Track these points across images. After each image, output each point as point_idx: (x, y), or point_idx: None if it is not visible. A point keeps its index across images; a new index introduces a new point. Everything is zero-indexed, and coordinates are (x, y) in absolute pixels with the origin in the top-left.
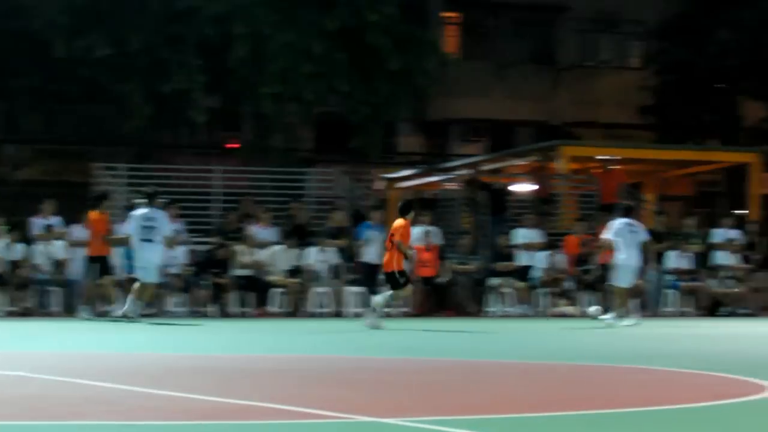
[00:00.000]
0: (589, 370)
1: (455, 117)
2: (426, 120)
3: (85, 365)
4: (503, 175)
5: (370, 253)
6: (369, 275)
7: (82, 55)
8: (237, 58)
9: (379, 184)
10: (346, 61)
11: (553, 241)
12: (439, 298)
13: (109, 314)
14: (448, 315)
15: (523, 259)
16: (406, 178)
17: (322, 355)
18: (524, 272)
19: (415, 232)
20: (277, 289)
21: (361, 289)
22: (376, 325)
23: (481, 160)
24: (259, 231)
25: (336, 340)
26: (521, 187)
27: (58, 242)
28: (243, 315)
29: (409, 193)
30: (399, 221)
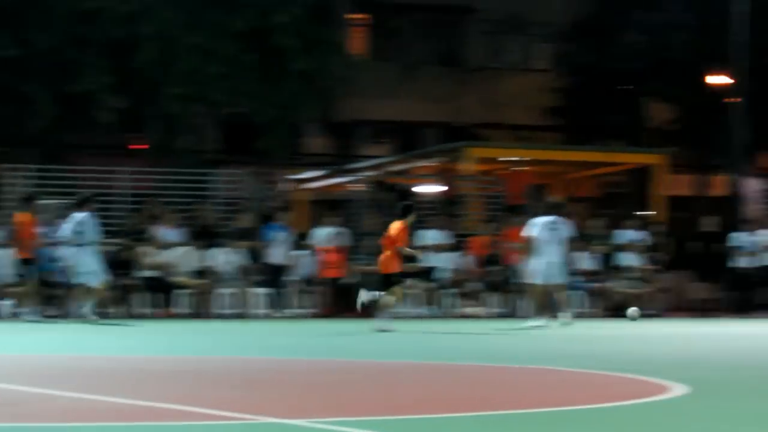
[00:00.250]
0: (494, 370)
1: (362, 118)
2: (333, 121)
3: None
4: (410, 176)
5: (276, 255)
6: (275, 276)
7: None
8: (144, 59)
9: (285, 186)
10: (253, 63)
11: (459, 242)
12: (346, 299)
13: (22, 316)
14: (354, 316)
15: (429, 260)
16: (313, 180)
17: (226, 356)
18: (431, 273)
19: (323, 234)
20: (182, 290)
21: (266, 291)
22: (386, 328)
23: (387, 162)
24: (165, 232)
25: (241, 341)
26: (427, 189)
27: None
28: (149, 316)
29: (314, 195)
30: (397, 223)
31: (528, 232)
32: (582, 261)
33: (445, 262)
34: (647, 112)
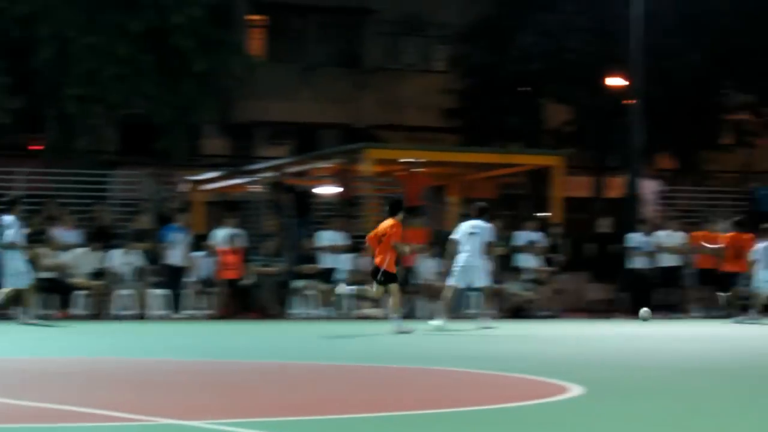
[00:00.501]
0: (393, 371)
1: (261, 119)
2: (231, 122)
3: None
4: (308, 177)
5: (174, 256)
6: (173, 277)
7: None
8: (41, 59)
9: (184, 187)
10: (152, 64)
11: (358, 244)
12: (243, 301)
13: None
14: (252, 317)
15: (327, 261)
16: (211, 181)
17: (124, 358)
18: (328, 274)
19: (221, 235)
20: (80, 291)
21: (164, 292)
22: (404, 330)
23: (286, 163)
24: (62, 233)
25: (139, 343)
26: (326, 190)
27: None
28: (46, 317)
29: (212, 196)
30: (389, 221)
31: (453, 234)
32: None
33: (343, 264)
34: (545, 113)
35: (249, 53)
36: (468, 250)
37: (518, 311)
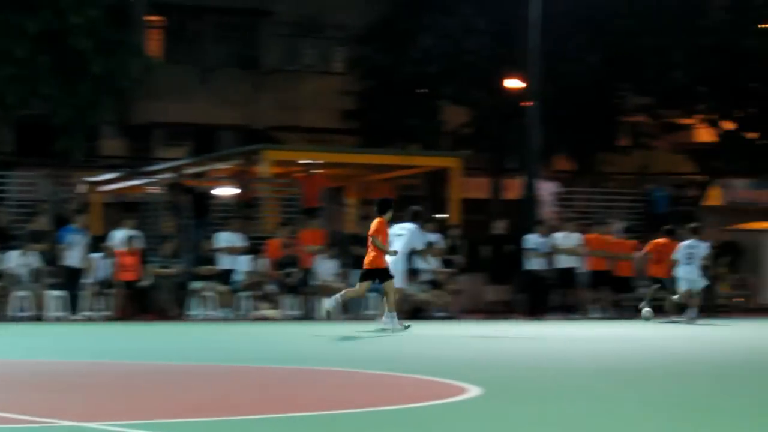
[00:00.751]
0: (292, 372)
1: (159, 120)
2: (129, 123)
3: None
4: (206, 179)
5: (72, 257)
6: (71, 279)
7: None
8: None
9: (81, 188)
10: (49, 64)
11: (256, 245)
12: (141, 302)
13: None
14: (150, 319)
15: (225, 262)
16: (109, 182)
17: (20, 360)
18: (226, 276)
19: (119, 236)
20: None
21: (62, 293)
22: (398, 328)
23: (184, 164)
24: None
25: (36, 344)
26: (224, 191)
27: None
28: None
29: (110, 197)
30: (376, 222)
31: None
32: None
33: (241, 265)
34: (443, 115)
35: (147, 54)
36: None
37: (416, 312)
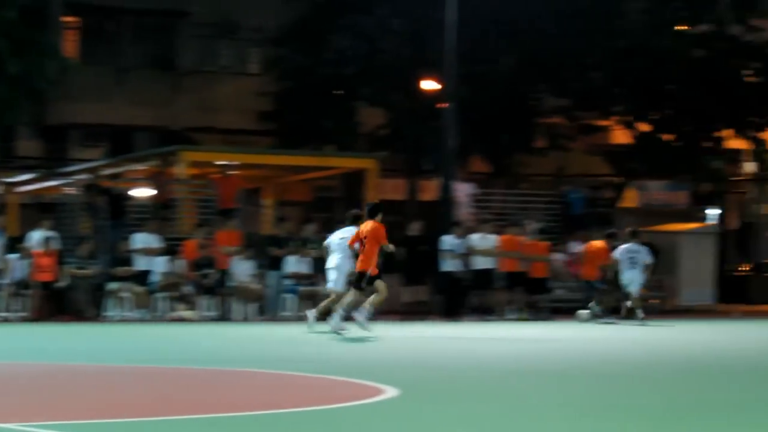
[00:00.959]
0: (210, 374)
1: (75, 121)
2: (45, 124)
3: None
4: (123, 180)
5: None
6: None
7: None
8: None
9: None
10: None
11: (172, 246)
12: (58, 303)
13: None
14: (67, 320)
15: (142, 263)
16: (26, 183)
17: None
18: (143, 277)
19: (34, 237)
20: None
21: None
22: (366, 328)
23: (100, 165)
24: None
25: None
26: (141, 192)
27: None
28: None
29: (26, 198)
30: (369, 223)
31: (327, 240)
32: (295, 264)
33: (158, 266)
34: (359, 116)
35: (63, 55)
36: (338, 255)
37: (331, 313)
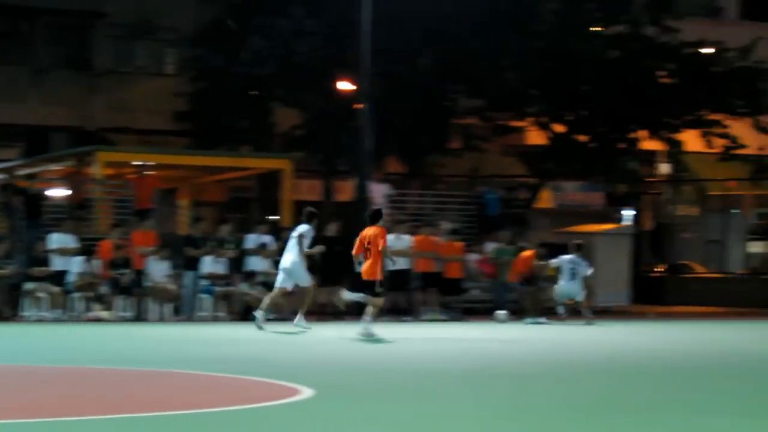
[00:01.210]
0: (125, 374)
1: None
2: None
3: None
4: (39, 180)
5: None
6: None
7: None
8: None
9: None
10: None
11: (88, 246)
12: None
13: None
14: None
15: (58, 263)
16: None
17: None
18: (59, 277)
19: None
20: None
21: None
22: (369, 332)
23: (16, 165)
24: None
25: None
26: (57, 192)
27: None
28: None
29: None
30: (373, 229)
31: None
32: (211, 265)
33: (74, 266)
34: (275, 117)
35: None
36: (291, 253)
37: (248, 313)
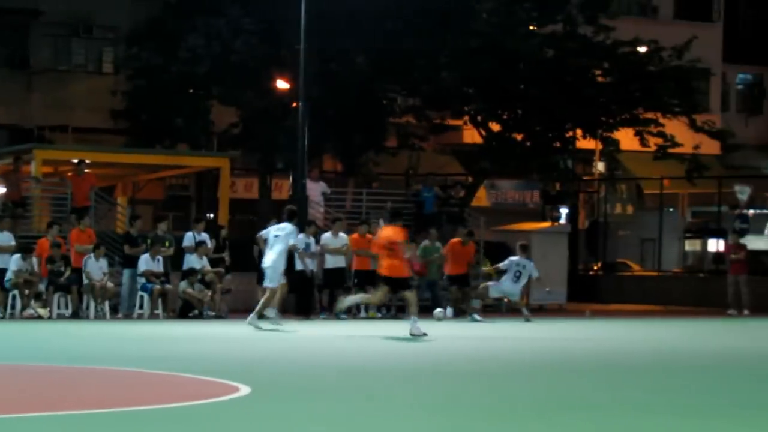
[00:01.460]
0: (64, 371)
1: None
2: None
3: None
4: None
5: None
6: None
7: None
8: None
9: None
10: None
11: (26, 244)
12: None
13: None
14: None
15: None
16: None
17: None
18: None
19: None
20: None
21: None
22: (420, 332)
23: None
24: None
25: None
26: None
27: None
28: None
29: None
30: (393, 228)
31: (261, 233)
32: (149, 263)
33: (12, 264)
34: (212, 115)
35: None
36: (273, 251)
37: (186, 311)
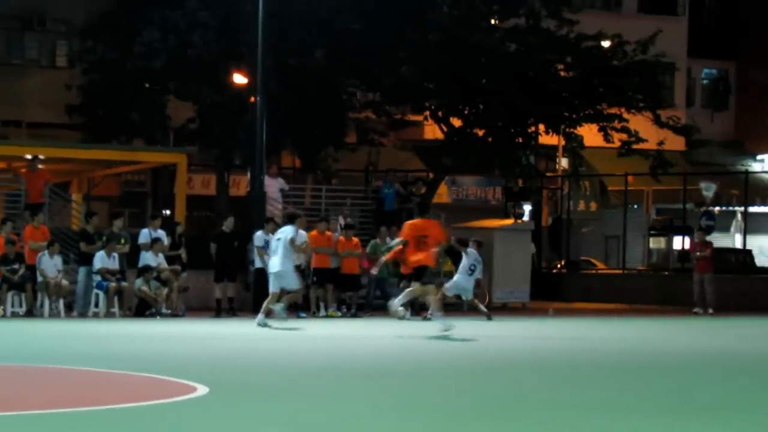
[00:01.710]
0: (18, 370)
1: None
2: None
3: None
4: None
5: None
6: None
7: None
8: None
9: None
10: None
11: None
12: None
13: None
14: None
15: None
16: None
17: None
18: None
19: None
20: None
21: None
22: (446, 327)
23: None
24: None
25: None
26: None
27: None
28: None
29: None
30: (425, 221)
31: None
32: (104, 260)
33: None
34: (169, 110)
35: None
36: (278, 255)
37: (142, 310)
